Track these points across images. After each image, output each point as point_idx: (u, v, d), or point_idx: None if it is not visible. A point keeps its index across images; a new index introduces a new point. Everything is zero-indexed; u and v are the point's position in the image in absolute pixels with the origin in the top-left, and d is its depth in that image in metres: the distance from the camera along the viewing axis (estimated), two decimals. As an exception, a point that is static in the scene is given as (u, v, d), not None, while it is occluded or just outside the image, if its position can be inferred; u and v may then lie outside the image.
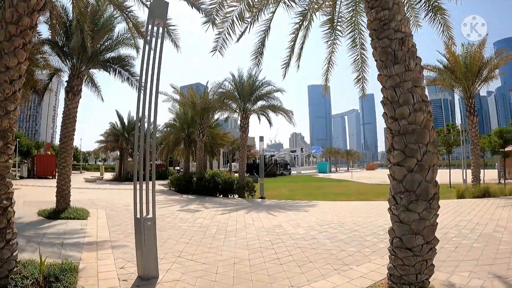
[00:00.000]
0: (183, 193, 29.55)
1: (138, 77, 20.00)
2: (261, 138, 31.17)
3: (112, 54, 19.19)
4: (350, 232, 11.97)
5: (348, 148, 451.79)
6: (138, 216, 7.33)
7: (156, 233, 7.45)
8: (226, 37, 10.83)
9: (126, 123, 55.49)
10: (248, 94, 29.81)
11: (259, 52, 13.05)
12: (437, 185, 5.94)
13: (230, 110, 32.41)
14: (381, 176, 69.21)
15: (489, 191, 21.86)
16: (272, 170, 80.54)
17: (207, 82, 34.31)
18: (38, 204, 17.26)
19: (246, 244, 10.33)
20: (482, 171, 38.69)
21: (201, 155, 34.35)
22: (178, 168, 68.78)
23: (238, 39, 11.02)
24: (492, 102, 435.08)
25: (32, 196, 19.81)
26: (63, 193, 16.19)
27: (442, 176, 38.70)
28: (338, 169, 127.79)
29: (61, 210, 15.51)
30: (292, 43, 12.93)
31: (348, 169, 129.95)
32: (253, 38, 12.23)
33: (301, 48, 13.39)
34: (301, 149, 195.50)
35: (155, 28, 7.56)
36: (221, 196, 27.72)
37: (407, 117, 5.82)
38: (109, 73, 19.38)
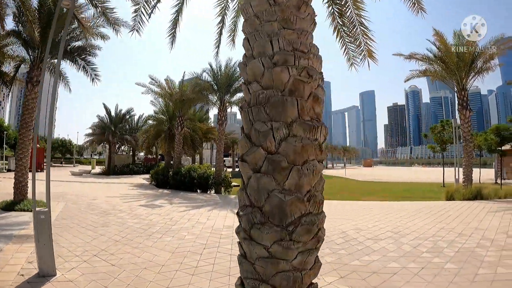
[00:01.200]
0: (161, 187, 28.89)
1: (94, 67, 19.00)
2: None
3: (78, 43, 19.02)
4: None
5: (348, 144, 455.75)
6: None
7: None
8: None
9: (113, 116, 54.77)
10: (225, 85, 28.15)
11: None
12: (313, 200, 3.49)
13: (209, 102, 30.55)
14: (376, 173, 69.24)
15: (482, 193, 20.13)
16: None
17: (184, 73, 32.80)
18: (8, 196, 16.61)
19: (176, 247, 9.49)
20: (478, 170, 37.76)
21: (179, 148, 33.11)
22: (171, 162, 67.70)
23: (150, 14, 9.13)
24: (493, 101, 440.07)
25: (10, 188, 18.92)
26: (19, 185, 15.84)
27: (438, 174, 38.34)
28: (335, 165, 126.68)
29: (17, 202, 15.26)
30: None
31: (344, 165, 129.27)
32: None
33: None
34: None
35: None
36: (200, 191, 26.82)
37: (260, 78, 3.52)
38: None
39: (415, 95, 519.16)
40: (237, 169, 65.96)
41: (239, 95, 29.03)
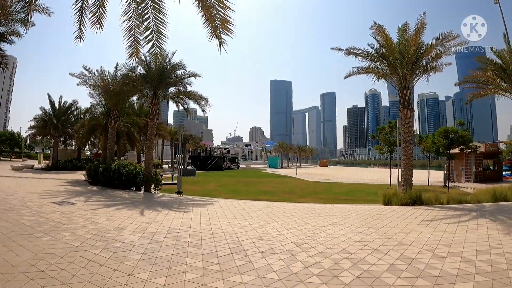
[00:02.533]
0: (94, 184, 27.53)
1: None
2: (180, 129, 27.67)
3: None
4: (186, 242, 9.84)
5: (307, 144, 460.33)
6: None
7: None
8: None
9: (57, 108, 52.30)
10: (157, 78, 26.32)
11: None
12: None
13: (144, 96, 28.56)
14: (329, 173, 68.79)
15: (422, 198, 18.70)
16: (219, 163, 79.95)
17: (117, 64, 30.72)
18: None
19: (44, 247, 8.73)
20: (428, 172, 37.30)
21: (112, 143, 31.26)
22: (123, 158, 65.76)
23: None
24: (450, 106, 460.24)
25: None
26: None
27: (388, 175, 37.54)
28: (291, 164, 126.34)
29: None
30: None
31: (300, 164, 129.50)
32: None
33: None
34: (256, 143, 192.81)
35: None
36: (133, 188, 25.52)
37: None
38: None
39: (375, 98, 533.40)
40: (188, 167, 64.21)
41: (174, 88, 27.79)
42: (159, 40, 8.58)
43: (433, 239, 10.22)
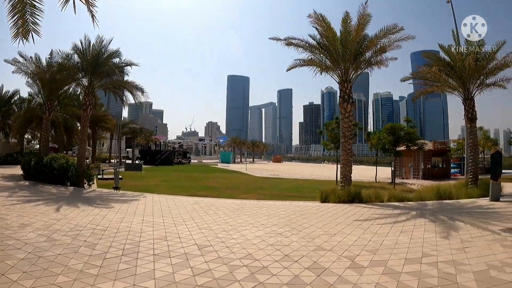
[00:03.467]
0: (29, 179, 25.70)
1: None
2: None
3: None
4: (82, 242, 9.05)
5: (264, 140, 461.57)
6: None
7: None
8: None
9: None
10: (92, 66, 24.89)
11: None
12: None
13: (80, 85, 26.96)
14: (280, 169, 68.46)
15: (361, 196, 17.98)
16: (169, 158, 77.69)
17: (51, 52, 28.97)
18: None
19: None
20: (375, 169, 38.44)
21: (47, 135, 29.82)
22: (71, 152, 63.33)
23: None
24: (404, 106, 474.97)
25: None
26: None
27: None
28: (244, 160, 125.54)
29: None
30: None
31: (253, 160, 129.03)
32: None
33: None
34: (210, 138, 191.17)
35: None
36: (68, 183, 23.93)
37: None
38: None
39: (331, 96, 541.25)
40: (136, 161, 62.29)
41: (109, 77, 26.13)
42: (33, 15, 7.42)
43: (359, 243, 9.29)
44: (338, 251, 8.48)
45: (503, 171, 49.03)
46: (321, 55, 21.35)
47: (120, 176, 24.69)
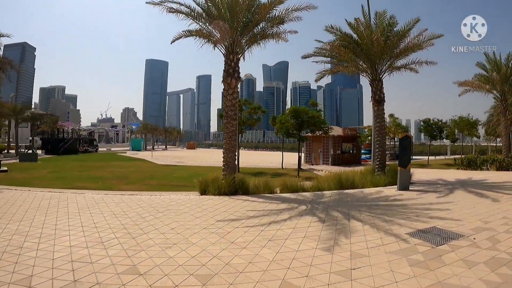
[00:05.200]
0: None
1: None
2: None
3: None
4: None
5: (181, 126, 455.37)
6: None
7: None
8: None
9: None
10: None
11: None
12: None
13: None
14: (190, 155, 66.79)
15: (247, 186, 15.51)
16: (73, 146, 71.90)
17: None
18: None
19: None
20: (282, 155, 36.98)
21: None
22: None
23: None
24: (321, 95, 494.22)
25: None
26: None
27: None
28: (157, 147, 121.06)
29: None
30: None
31: (166, 147, 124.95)
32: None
33: None
34: (123, 125, 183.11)
35: None
36: None
37: None
38: None
39: (249, 83, 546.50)
40: (29, 151, 56.98)
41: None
42: None
43: (193, 263, 6.45)
44: (152, 277, 5.69)
45: (413, 157, 49.68)
46: (207, 24, 18.11)
47: (5, 168, 23.63)
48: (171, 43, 18.87)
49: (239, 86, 18.56)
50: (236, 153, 18.34)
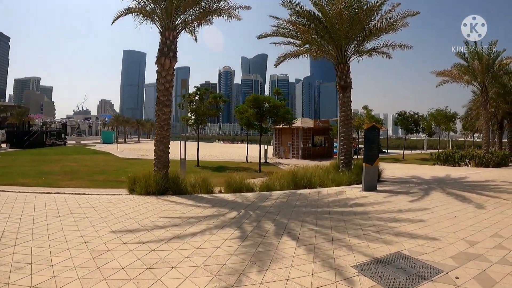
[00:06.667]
0: None
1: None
2: None
3: None
4: None
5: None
6: None
7: None
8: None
9: None
10: None
11: None
12: None
13: None
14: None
15: (179, 184, 13.44)
16: (39, 139, 68.62)
17: None
18: None
19: None
20: (246, 147, 37.01)
21: None
22: None
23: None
24: (299, 88, 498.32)
25: None
26: None
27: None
28: (130, 139, 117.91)
29: None
30: None
31: (138, 139, 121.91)
32: None
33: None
34: (96, 117, 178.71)
35: None
36: None
37: None
38: None
39: (228, 76, 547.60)
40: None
41: None
42: None
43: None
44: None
45: (389, 151, 47.72)
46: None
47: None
48: (111, 24, 16.59)
49: (217, 77, 15.92)
50: (185, 146, 15.86)
